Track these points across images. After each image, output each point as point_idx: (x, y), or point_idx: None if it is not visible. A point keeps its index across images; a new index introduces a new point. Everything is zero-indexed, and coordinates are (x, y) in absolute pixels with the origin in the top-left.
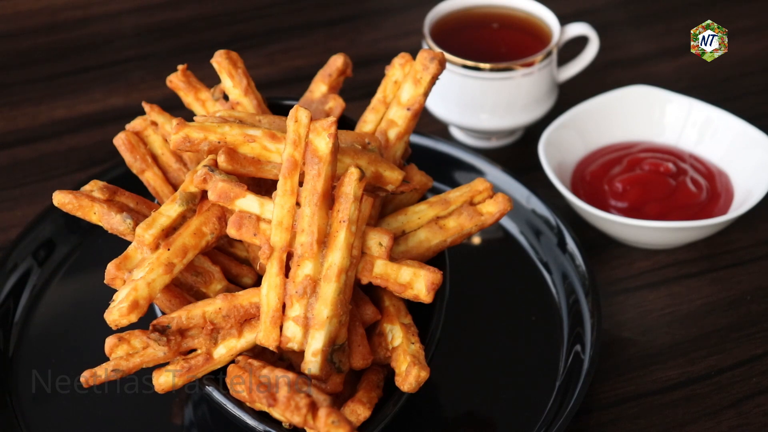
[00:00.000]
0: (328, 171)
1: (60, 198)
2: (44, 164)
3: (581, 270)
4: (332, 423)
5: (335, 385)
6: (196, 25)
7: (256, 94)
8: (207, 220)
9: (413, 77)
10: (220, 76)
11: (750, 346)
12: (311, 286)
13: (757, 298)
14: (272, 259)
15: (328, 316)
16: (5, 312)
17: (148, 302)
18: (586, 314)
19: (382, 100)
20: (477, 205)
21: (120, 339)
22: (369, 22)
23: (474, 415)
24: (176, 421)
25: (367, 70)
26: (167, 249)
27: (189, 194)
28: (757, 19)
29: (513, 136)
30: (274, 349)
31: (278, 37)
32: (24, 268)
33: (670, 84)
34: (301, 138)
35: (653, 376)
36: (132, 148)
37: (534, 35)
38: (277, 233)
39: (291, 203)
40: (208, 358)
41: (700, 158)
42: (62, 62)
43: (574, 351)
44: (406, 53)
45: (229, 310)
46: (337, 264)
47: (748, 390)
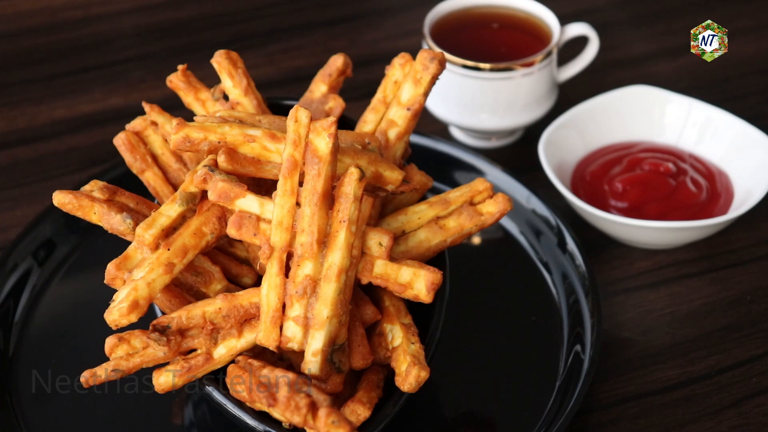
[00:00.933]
0: (328, 171)
1: (60, 198)
2: (44, 164)
3: (581, 270)
4: (332, 423)
5: (335, 385)
6: (196, 25)
7: (256, 94)
8: (207, 220)
9: (413, 77)
10: (220, 76)
11: (750, 346)
12: (311, 286)
13: (757, 298)
14: (272, 259)
15: (328, 316)
16: (5, 312)
17: (148, 302)
18: (586, 314)
19: (382, 100)
20: (477, 205)
21: (120, 339)
22: (369, 22)
23: (474, 415)
24: (176, 421)
25: (367, 70)
26: (167, 249)
27: (189, 194)
28: (757, 19)
29: (513, 136)
30: (274, 349)
31: (278, 37)
32: (24, 268)
33: (670, 84)
34: (301, 138)
35: (653, 376)
36: (132, 148)
37: (534, 35)
38: (277, 233)
39: (291, 203)
40: (208, 358)
41: (700, 158)
42: (62, 62)
43: (574, 351)
44: (406, 53)
45: (229, 310)
46: (337, 264)
47: (748, 390)
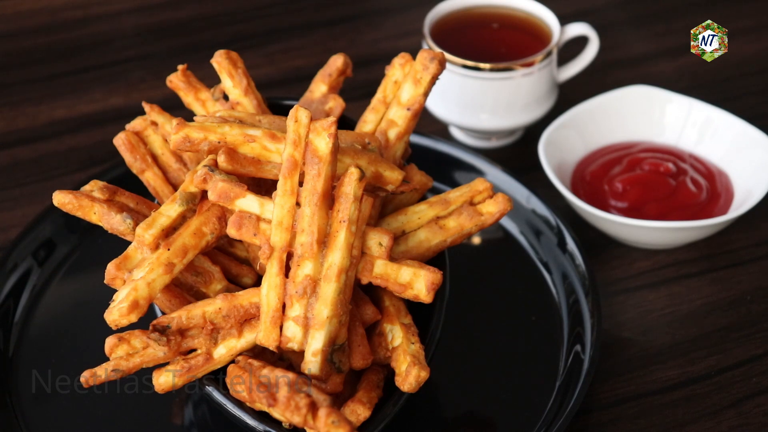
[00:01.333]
0: (328, 171)
1: (60, 198)
2: (44, 164)
3: (581, 270)
4: (332, 423)
5: (335, 385)
6: (196, 25)
7: (256, 94)
8: (207, 220)
9: (413, 77)
10: (220, 76)
11: (750, 346)
12: (311, 286)
13: (757, 298)
14: (272, 259)
15: (328, 316)
16: (5, 312)
17: (148, 302)
18: (586, 314)
19: (382, 100)
20: (477, 205)
21: (120, 339)
22: (369, 22)
23: (474, 415)
24: (176, 421)
25: (367, 70)
26: (167, 249)
27: (189, 194)
28: (757, 19)
29: (513, 136)
30: (274, 349)
31: (278, 37)
32: (24, 268)
33: (670, 84)
34: (301, 138)
35: (653, 376)
36: (132, 148)
37: (534, 35)
38: (277, 233)
39: (291, 203)
40: (208, 358)
41: (700, 158)
42: (62, 62)
43: (574, 351)
44: (406, 53)
45: (229, 310)
46: (337, 264)
47: (748, 390)
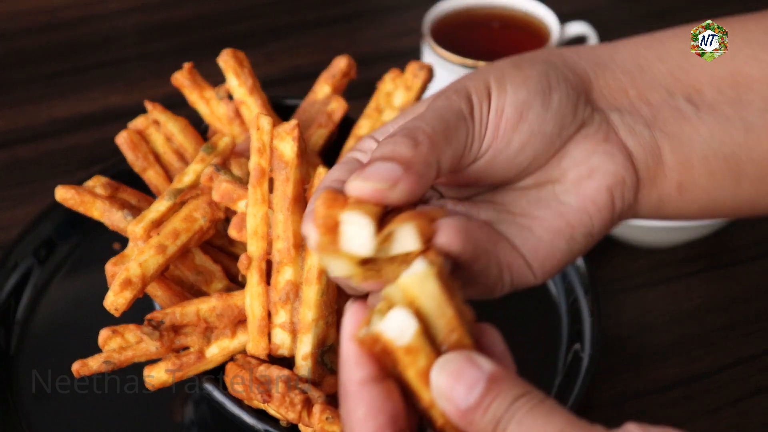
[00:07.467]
0: (296, 174)
1: (62, 193)
2: (44, 163)
3: (581, 269)
4: (326, 419)
5: (330, 386)
6: (196, 23)
7: (261, 94)
8: (196, 207)
9: (404, 85)
10: (226, 75)
11: (750, 344)
12: (293, 291)
13: (757, 298)
14: (252, 269)
15: (313, 318)
16: (6, 310)
17: (142, 281)
18: (585, 313)
19: (375, 108)
20: None
21: (114, 332)
22: (369, 21)
23: None
24: (176, 420)
25: (367, 69)
26: (158, 234)
27: (176, 190)
28: None
29: None
30: (264, 357)
31: (278, 36)
32: (25, 266)
33: None
34: (266, 145)
35: (653, 374)
36: (134, 147)
37: (534, 34)
38: (253, 243)
39: (263, 211)
40: (200, 357)
41: None
42: (62, 61)
43: (574, 350)
44: (396, 68)
45: (223, 309)
46: (316, 266)
47: (747, 388)
